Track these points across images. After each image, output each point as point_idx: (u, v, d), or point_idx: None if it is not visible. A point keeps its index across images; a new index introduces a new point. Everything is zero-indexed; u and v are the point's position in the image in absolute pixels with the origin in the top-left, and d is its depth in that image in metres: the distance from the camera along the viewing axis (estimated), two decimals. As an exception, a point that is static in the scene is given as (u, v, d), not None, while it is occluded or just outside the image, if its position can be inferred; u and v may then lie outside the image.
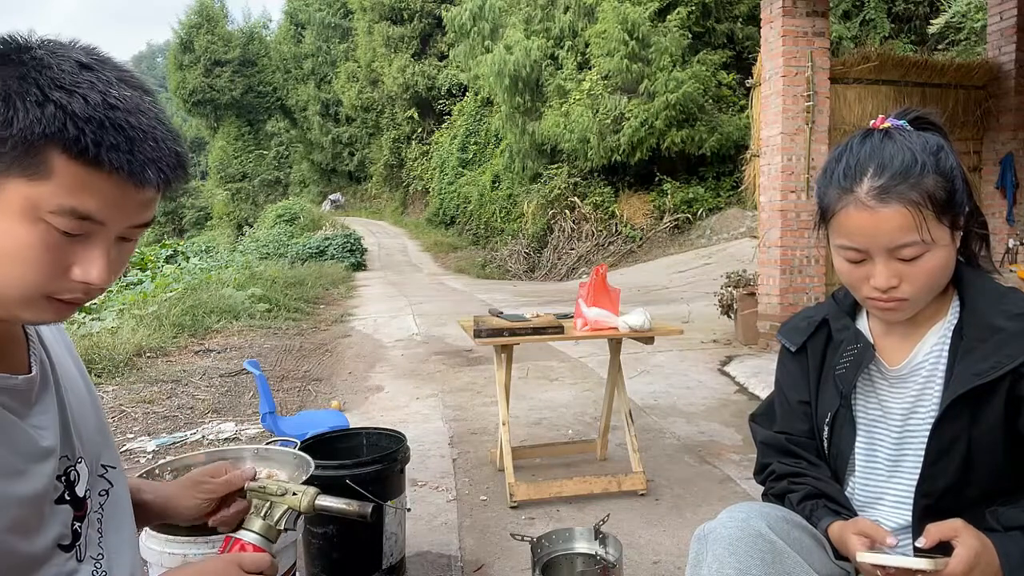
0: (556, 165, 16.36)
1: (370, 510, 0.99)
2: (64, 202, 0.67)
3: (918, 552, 0.99)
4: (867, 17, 12.52)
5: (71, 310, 0.75)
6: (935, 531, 0.97)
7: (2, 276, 0.69)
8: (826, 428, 1.19)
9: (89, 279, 0.71)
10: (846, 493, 1.18)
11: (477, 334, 2.71)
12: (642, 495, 2.85)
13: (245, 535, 0.97)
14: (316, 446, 2.17)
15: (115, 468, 0.92)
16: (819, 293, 5.45)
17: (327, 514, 1.01)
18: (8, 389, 0.76)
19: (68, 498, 0.82)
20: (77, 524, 0.83)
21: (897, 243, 1.00)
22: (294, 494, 1.00)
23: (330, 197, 35.67)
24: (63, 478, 0.81)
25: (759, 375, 4.70)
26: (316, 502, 1.00)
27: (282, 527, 0.99)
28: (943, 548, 0.96)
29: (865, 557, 0.98)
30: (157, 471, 1.12)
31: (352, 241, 18.23)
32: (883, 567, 0.96)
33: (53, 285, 0.71)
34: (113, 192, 0.69)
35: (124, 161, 0.67)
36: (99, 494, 0.88)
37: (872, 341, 1.16)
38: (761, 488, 1.30)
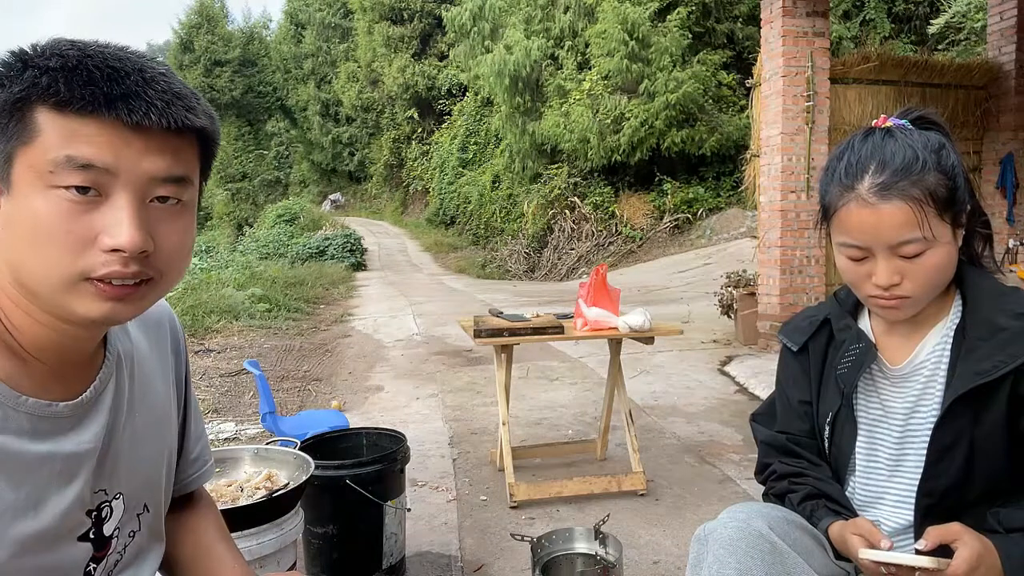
0: (556, 165, 16.35)
1: None
2: (57, 154, 0.63)
3: (918, 554, 0.98)
4: (867, 17, 12.53)
5: (125, 295, 0.68)
6: (935, 533, 0.97)
7: (36, 262, 0.65)
8: (827, 428, 1.19)
9: (119, 243, 0.65)
10: (847, 493, 1.17)
11: (477, 334, 2.70)
12: (642, 495, 2.85)
13: None
14: (316, 446, 2.16)
15: (150, 512, 0.87)
16: (819, 293, 5.45)
17: None
18: (46, 417, 0.71)
19: (92, 536, 0.77)
20: (92, 565, 0.77)
21: (898, 240, 1.00)
22: None
23: (330, 197, 35.65)
24: (93, 513, 0.77)
25: (759, 375, 4.69)
26: None
27: None
28: (943, 551, 0.96)
29: (868, 554, 0.98)
30: None
31: (352, 241, 18.22)
32: (886, 564, 0.96)
33: (84, 261, 0.65)
34: (108, 135, 0.65)
35: (100, 95, 0.64)
36: (128, 535, 0.82)
37: (874, 340, 1.16)
38: (761, 488, 1.29)
